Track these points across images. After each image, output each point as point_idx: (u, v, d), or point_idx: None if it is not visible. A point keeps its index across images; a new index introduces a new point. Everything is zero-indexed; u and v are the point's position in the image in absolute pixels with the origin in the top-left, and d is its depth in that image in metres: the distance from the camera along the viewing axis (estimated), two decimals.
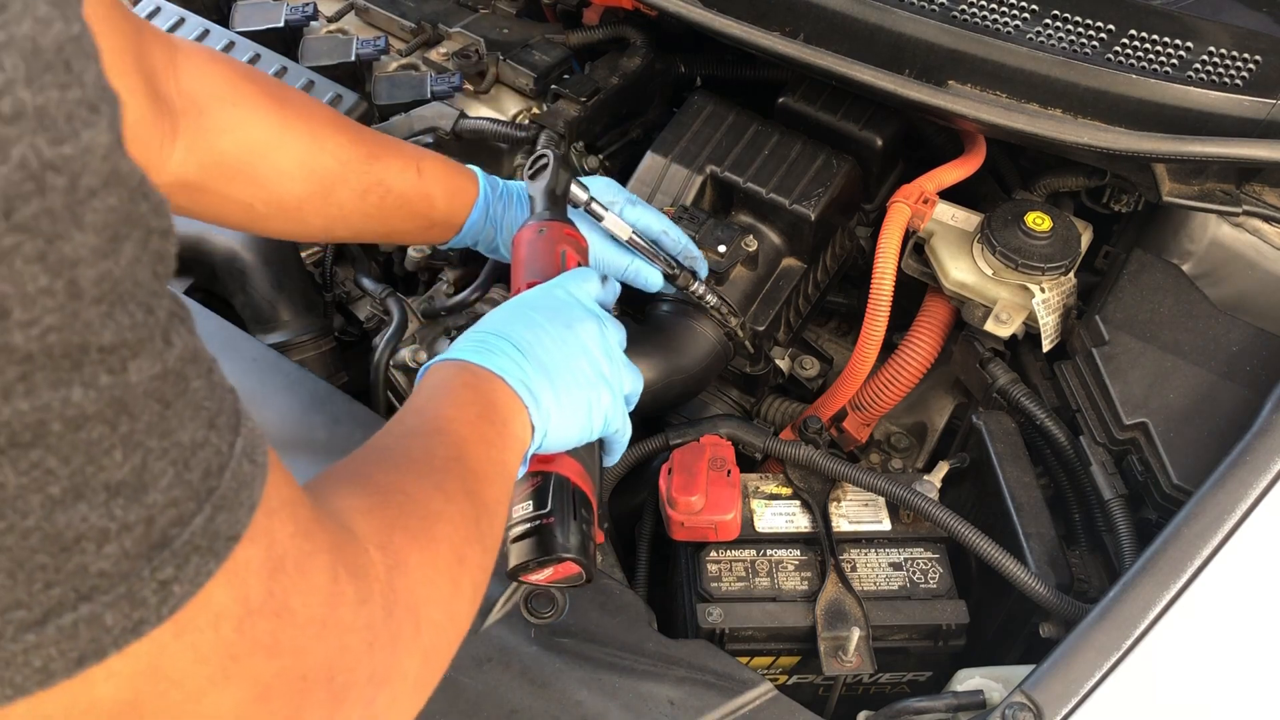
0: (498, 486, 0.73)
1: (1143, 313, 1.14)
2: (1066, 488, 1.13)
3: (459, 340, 0.84)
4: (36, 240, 0.36)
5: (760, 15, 1.18)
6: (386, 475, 0.65)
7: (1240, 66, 1.06)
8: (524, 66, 1.41)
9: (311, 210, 0.98)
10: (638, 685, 0.91)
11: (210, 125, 0.89)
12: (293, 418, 1.09)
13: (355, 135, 1.00)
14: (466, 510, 0.67)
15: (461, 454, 0.71)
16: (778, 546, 1.07)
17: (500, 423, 0.77)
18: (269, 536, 0.48)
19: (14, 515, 0.37)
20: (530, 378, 0.80)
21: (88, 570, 0.40)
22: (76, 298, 0.37)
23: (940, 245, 1.22)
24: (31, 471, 0.37)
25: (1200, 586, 0.87)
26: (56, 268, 0.37)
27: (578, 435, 0.86)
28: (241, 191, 0.93)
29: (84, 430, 0.38)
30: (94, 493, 0.39)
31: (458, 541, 0.65)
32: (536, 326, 0.85)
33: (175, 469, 0.42)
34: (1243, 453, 0.94)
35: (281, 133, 0.94)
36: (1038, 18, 1.08)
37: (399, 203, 1.02)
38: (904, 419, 1.35)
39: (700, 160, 1.25)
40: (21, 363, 0.36)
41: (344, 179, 0.98)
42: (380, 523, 0.60)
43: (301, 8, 1.48)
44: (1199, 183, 1.16)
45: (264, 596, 0.47)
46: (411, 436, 0.72)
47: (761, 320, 1.23)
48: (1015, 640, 1.07)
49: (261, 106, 0.93)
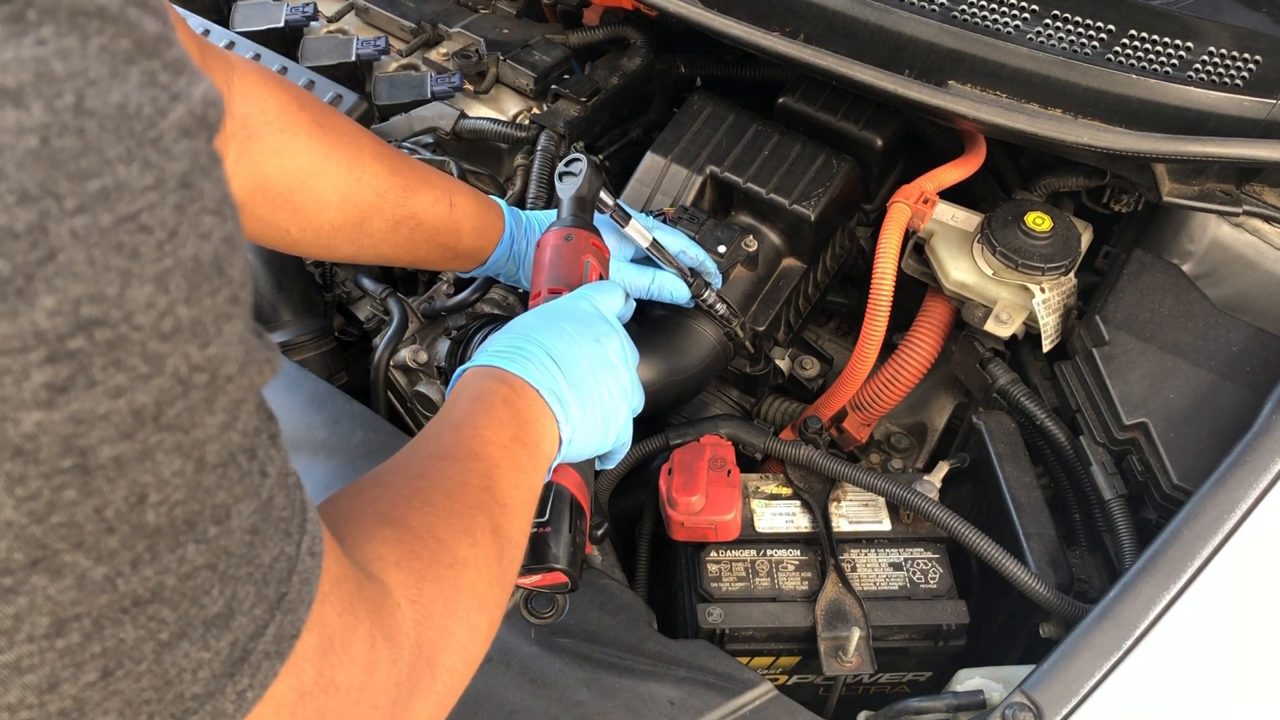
0: (522, 518, 0.75)
1: (1143, 313, 1.14)
2: (1066, 488, 1.13)
3: (494, 344, 0.84)
4: (176, 434, 0.39)
5: (760, 15, 1.18)
6: (420, 516, 0.66)
7: (1240, 66, 1.06)
8: (524, 66, 1.41)
9: (344, 238, 0.99)
10: (638, 685, 0.91)
11: (258, 149, 0.90)
12: (293, 418, 1.09)
13: (394, 166, 1.00)
14: (491, 551, 0.68)
15: (493, 483, 0.72)
16: (778, 546, 1.07)
17: (533, 444, 0.78)
18: (321, 623, 0.50)
19: (130, 664, 0.41)
20: (563, 390, 0.82)
21: (184, 696, 0.43)
22: (201, 470, 0.40)
23: (940, 245, 1.22)
24: (148, 624, 0.41)
25: (1200, 586, 0.87)
26: (189, 451, 0.40)
27: (593, 449, 0.87)
28: (280, 216, 0.94)
29: (193, 579, 0.42)
30: (194, 629, 0.42)
31: (480, 587, 0.66)
32: (568, 337, 0.85)
33: (257, 588, 0.45)
34: (1243, 453, 0.94)
35: (324, 161, 0.94)
36: (1038, 18, 1.08)
37: (428, 235, 1.03)
38: (904, 419, 1.35)
39: (700, 160, 1.25)
40: (150, 536, 0.39)
41: (379, 210, 0.99)
42: (412, 575, 0.61)
43: (301, 8, 1.48)
44: (1199, 183, 1.16)
45: (315, 678, 0.50)
46: (447, 460, 0.73)
47: (761, 320, 1.23)
48: (1015, 640, 1.07)
49: (308, 134, 0.93)
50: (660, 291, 1.13)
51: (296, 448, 1.05)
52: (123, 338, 0.36)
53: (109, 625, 0.39)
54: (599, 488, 1.11)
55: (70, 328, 0.35)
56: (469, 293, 1.24)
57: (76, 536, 0.37)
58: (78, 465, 0.36)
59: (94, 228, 0.35)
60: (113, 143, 0.36)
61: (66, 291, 0.35)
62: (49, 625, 0.38)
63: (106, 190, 0.36)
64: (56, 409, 0.35)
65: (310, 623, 0.49)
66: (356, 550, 0.60)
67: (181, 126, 0.38)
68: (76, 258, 0.35)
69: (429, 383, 1.18)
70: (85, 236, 0.35)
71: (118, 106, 0.36)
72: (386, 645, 0.56)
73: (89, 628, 0.39)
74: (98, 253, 0.35)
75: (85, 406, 0.36)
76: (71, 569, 0.38)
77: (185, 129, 0.38)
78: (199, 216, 0.38)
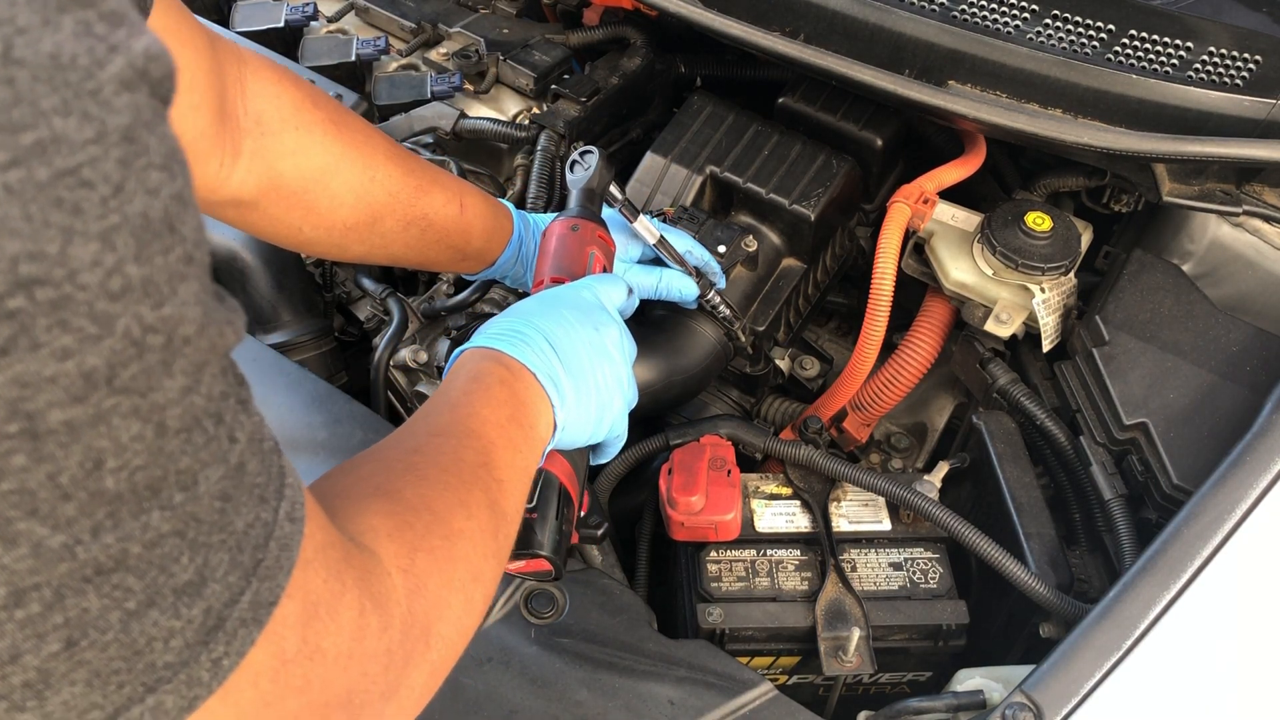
0: (517, 495, 0.75)
1: (1143, 313, 1.14)
2: (1066, 488, 1.13)
3: (492, 326, 0.84)
4: (133, 397, 0.38)
5: (760, 15, 1.18)
6: (414, 489, 0.66)
7: (1240, 66, 1.06)
8: (524, 66, 1.41)
9: (356, 238, 0.99)
10: (638, 685, 0.91)
11: (272, 148, 0.89)
12: (293, 418, 1.09)
13: (407, 167, 1.00)
14: (486, 525, 0.68)
15: (489, 460, 0.72)
16: (778, 546, 1.07)
17: (529, 425, 0.78)
18: (304, 589, 0.49)
19: (95, 633, 0.40)
20: (559, 376, 0.82)
21: (155, 665, 0.42)
22: (162, 435, 0.39)
23: (940, 245, 1.22)
24: (113, 593, 0.40)
25: (1200, 586, 0.87)
26: (147, 415, 0.38)
27: (586, 438, 0.87)
28: (293, 215, 0.94)
29: (159, 547, 0.41)
30: (163, 598, 0.41)
31: (476, 559, 0.66)
32: (567, 324, 0.85)
33: (231, 554, 0.44)
34: (1243, 453, 0.94)
35: (339, 160, 0.94)
36: (1038, 18, 1.08)
37: (439, 236, 1.03)
38: (904, 419, 1.35)
39: (700, 160, 1.25)
40: (110, 502, 0.38)
41: (391, 210, 0.99)
42: (404, 545, 0.61)
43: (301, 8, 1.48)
44: (1199, 183, 1.16)
45: (298, 645, 0.49)
46: (443, 436, 0.72)
47: (761, 320, 1.23)
48: (1015, 640, 1.07)
49: (323, 133, 0.93)
50: (668, 290, 1.13)
51: (297, 448, 1.06)
52: (67, 297, 0.35)
53: (70, 595, 0.38)
54: (599, 488, 1.11)
55: (8, 286, 0.34)
56: (469, 293, 1.24)
57: (30, 504, 0.36)
58: (25, 430, 0.35)
59: (29, 182, 0.34)
60: (47, 93, 0.34)
61: (2, 249, 0.33)
62: (6, 595, 0.37)
63: (42, 143, 0.34)
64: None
65: (291, 589, 0.48)
66: (349, 523, 0.59)
67: (122, 79, 0.37)
68: (11, 213, 0.34)
69: (429, 383, 1.18)
70: (20, 191, 0.34)
71: (50, 56, 0.35)
72: (376, 612, 0.55)
73: (49, 597, 0.38)
74: (35, 208, 0.34)
75: (30, 369, 0.35)
76: (26, 537, 0.37)
77: (126, 81, 0.37)
78: (145, 172, 0.37)
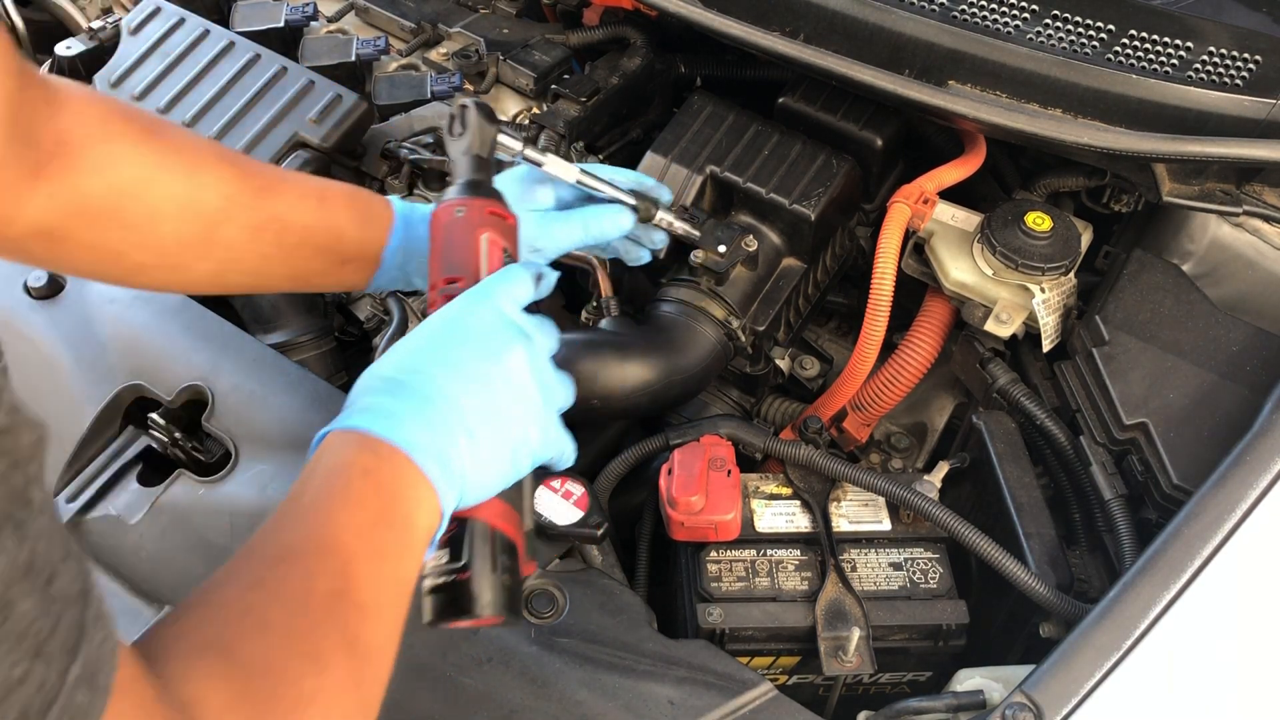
0: (388, 618, 0.66)
1: (1143, 313, 1.14)
2: (1066, 488, 1.13)
3: (362, 386, 0.75)
4: None
5: (760, 15, 1.18)
6: (254, 643, 0.58)
7: (1240, 66, 1.06)
8: (524, 66, 1.41)
9: (194, 255, 0.89)
10: (638, 685, 0.91)
11: (78, 167, 0.82)
12: (293, 418, 1.09)
13: (244, 170, 0.91)
14: (344, 678, 0.60)
15: (347, 583, 0.63)
16: (778, 546, 1.07)
17: (401, 524, 0.69)
18: None
19: None
20: (443, 444, 0.71)
21: None
22: None
23: (940, 245, 1.22)
24: None
25: (1200, 586, 0.87)
26: None
27: (500, 484, 0.77)
28: (108, 238, 0.85)
29: None
30: None
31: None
32: (457, 366, 0.76)
33: None
34: (1243, 453, 0.94)
35: (155, 170, 0.86)
36: (1038, 18, 1.08)
37: (300, 239, 0.93)
38: (904, 419, 1.35)
39: (700, 160, 1.25)
40: None
41: (230, 216, 0.89)
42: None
43: (301, 8, 1.48)
44: (1199, 183, 1.16)
45: None
46: (289, 562, 0.63)
47: (761, 320, 1.23)
48: (1015, 640, 1.07)
49: (133, 143, 0.85)
50: (600, 232, 1.02)
51: (297, 448, 1.05)
52: None
53: None
54: (599, 487, 1.11)
55: None
56: None
57: None
58: None
59: None
60: None
61: None
62: None
63: None
64: None
65: None
66: (176, 689, 0.51)
67: None
68: None
69: None
70: None
71: None
72: None
73: None
74: None
75: None
76: None
77: None
78: None
